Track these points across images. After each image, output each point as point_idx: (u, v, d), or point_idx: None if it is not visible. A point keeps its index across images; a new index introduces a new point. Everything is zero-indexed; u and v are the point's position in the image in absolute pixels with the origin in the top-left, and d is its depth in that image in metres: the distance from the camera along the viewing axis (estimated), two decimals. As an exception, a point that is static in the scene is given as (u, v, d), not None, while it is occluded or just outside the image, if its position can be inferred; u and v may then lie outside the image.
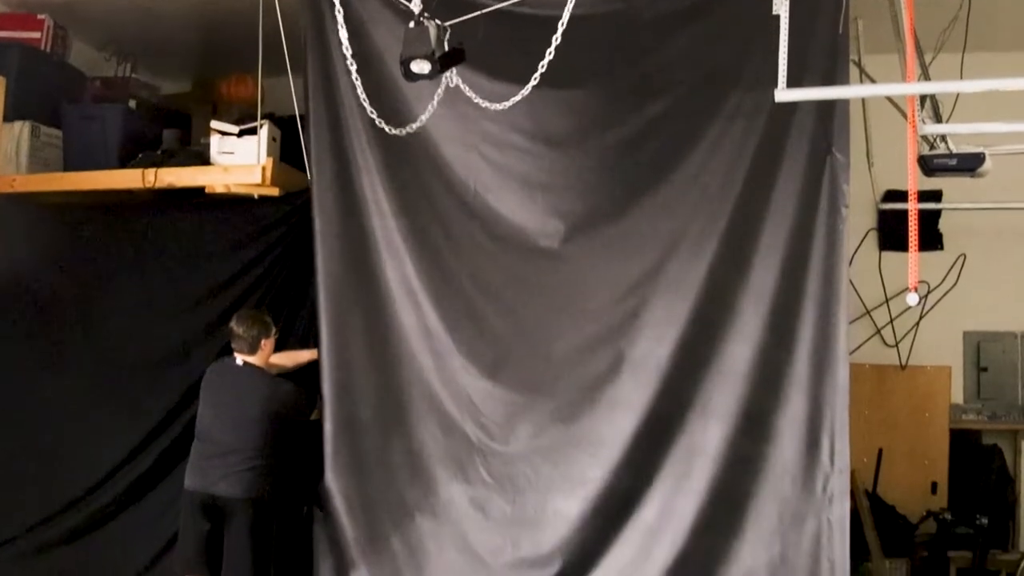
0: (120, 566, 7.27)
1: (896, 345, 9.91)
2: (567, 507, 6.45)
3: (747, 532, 6.31)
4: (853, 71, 6.65)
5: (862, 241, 9.71)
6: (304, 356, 6.95)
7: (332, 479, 6.81)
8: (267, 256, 7.32)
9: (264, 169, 7.20)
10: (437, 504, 6.67)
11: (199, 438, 6.58)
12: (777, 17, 5.40)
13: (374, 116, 6.42)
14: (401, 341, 6.81)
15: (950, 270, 9.77)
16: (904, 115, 6.28)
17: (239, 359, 6.57)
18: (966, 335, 10.04)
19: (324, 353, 6.89)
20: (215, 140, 7.42)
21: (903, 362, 9.91)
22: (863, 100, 8.17)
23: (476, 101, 6.18)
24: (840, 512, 6.23)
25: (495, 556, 6.53)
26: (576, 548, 6.41)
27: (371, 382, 6.83)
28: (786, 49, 5.39)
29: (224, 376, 6.62)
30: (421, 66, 5.31)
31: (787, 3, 5.36)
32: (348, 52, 6.07)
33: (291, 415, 6.60)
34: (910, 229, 6.10)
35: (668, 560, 6.32)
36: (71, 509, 7.40)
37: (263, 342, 6.57)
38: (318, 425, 6.84)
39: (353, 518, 6.80)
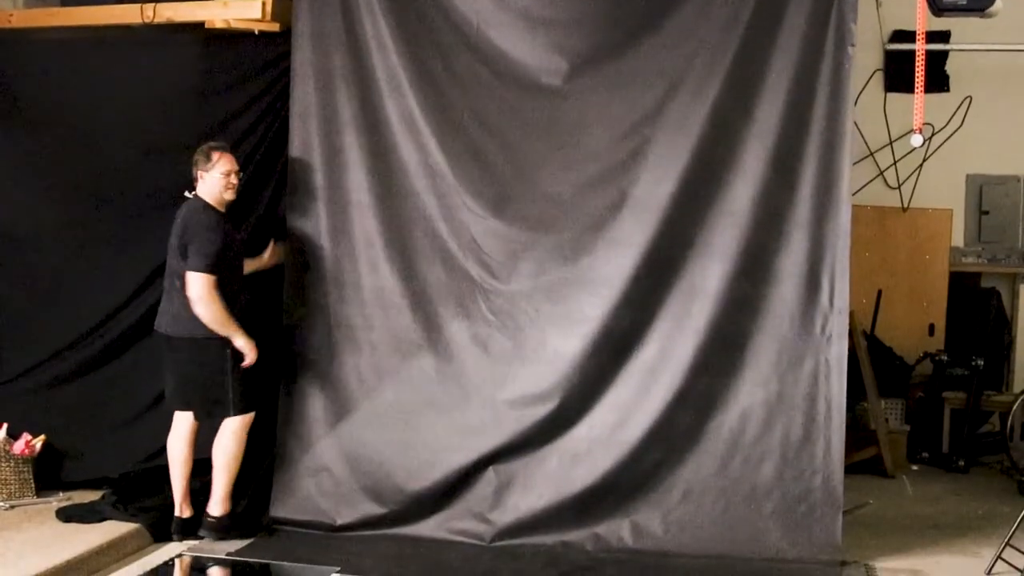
0: (129, 399, 7.35)
1: (899, 187, 9.93)
2: (567, 345, 6.50)
3: (745, 371, 6.40)
4: (864, -95, 6.52)
5: (868, 81, 9.67)
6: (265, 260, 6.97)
7: (334, 316, 6.87)
8: (268, 93, 7.20)
9: (264, 4, 7.06)
10: (439, 340, 6.72)
11: None
12: None
13: None
14: (403, 179, 6.78)
15: (955, 112, 9.73)
16: (915, -48, 6.19)
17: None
18: (969, 178, 10.06)
19: (322, 193, 6.89)
20: (214, -26, 7.30)
21: (905, 204, 9.94)
22: (873, -64, 8.04)
23: None
24: (838, 352, 6.31)
25: (496, 392, 6.60)
26: (576, 385, 6.49)
27: (373, 221, 6.82)
28: None
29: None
30: None
31: None
32: None
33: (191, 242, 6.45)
34: (917, 70, 6.05)
35: (666, 398, 6.41)
36: (80, 344, 7.45)
37: (198, 172, 6.48)
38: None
39: (355, 356, 6.86)
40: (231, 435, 6.48)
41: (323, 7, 6.86)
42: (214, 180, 6.44)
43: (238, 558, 6.34)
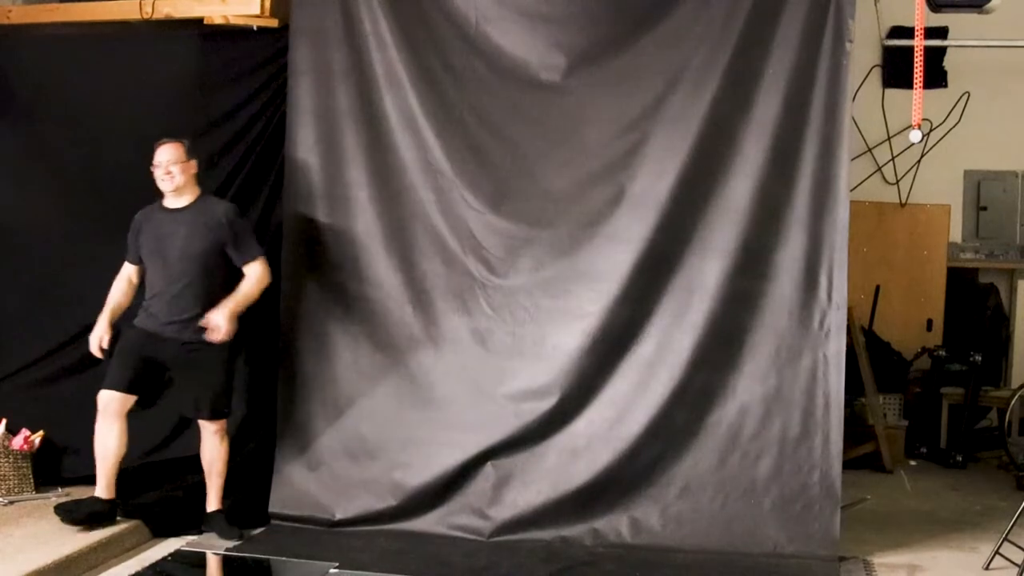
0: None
1: (897, 183, 9.95)
2: (566, 340, 6.50)
3: (744, 367, 6.41)
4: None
5: (866, 77, 9.69)
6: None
7: (333, 311, 6.88)
8: (266, 89, 7.20)
9: (263, 0, 7.09)
10: (439, 336, 6.73)
11: None
12: None
13: None
14: (402, 175, 6.79)
15: (953, 108, 9.74)
16: (913, -53, 6.20)
17: None
18: (967, 173, 10.08)
19: (320, 189, 6.89)
20: (212, -31, 7.30)
21: (903, 200, 9.97)
22: (871, -69, 8.05)
23: None
24: (836, 347, 6.31)
25: (495, 387, 6.60)
26: (574, 380, 6.49)
27: (372, 216, 6.83)
28: None
29: None
30: None
31: None
32: None
33: None
34: (915, 66, 6.06)
35: (665, 394, 6.41)
36: (79, 340, 7.35)
37: None
38: None
39: (355, 351, 6.87)
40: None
41: (322, 3, 6.87)
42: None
43: (236, 553, 6.34)
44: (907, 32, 7.44)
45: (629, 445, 6.43)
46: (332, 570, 6.06)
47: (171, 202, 6.51)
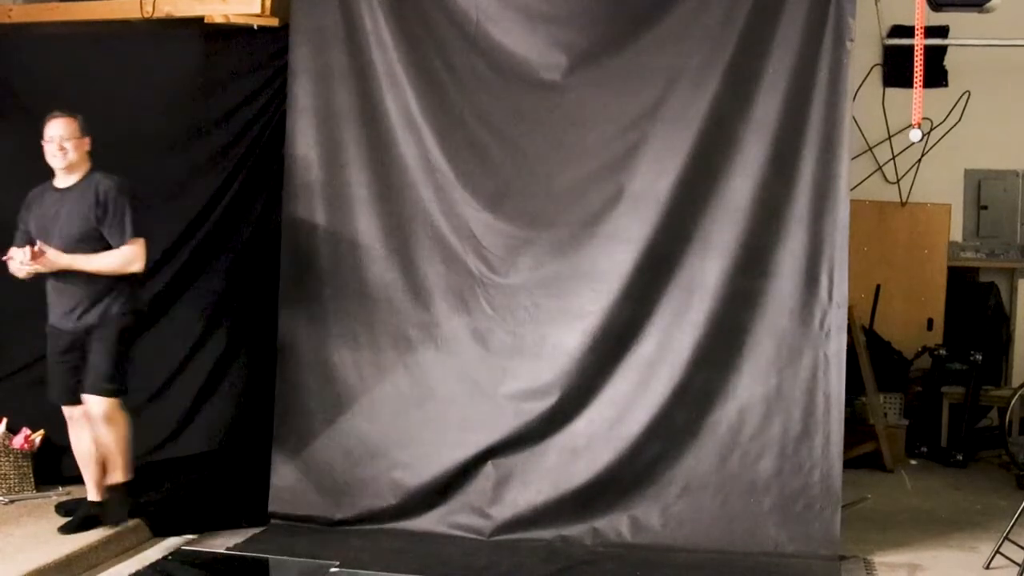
0: (133, 390, 7.34)
1: (897, 182, 9.95)
2: (566, 339, 6.51)
3: (744, 366, 6.40)
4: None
5: (866, 76, 9.69)
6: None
7: (333, 311, 6.87)
8: (267, 88, 7.21)
9: (263, -1, 7.11)
10: (439, 335, 6.73)
11: None
12: None
13: None
14: (403, 174, 6.79)
15: (954, 107, 9.74)
16: (913, -54, 6.20)
17: None
18: (967, 173, 10.08)
19: (320, 188, 6.89)
20: (213, -31, 7.30)
21: (904, 199, 9.97)
22: (872, -70, 8.05)
23: None
24: (837, 347, 6.31)
25: (495, 386, 6.61)
26: (574, 380, 6.49)
27: (372, 216, 6.83)
28: None
29: None
30: None
31: None
32: None
33: None
34: (915, 65, 6.06)
35: (665, 393, 6.41)
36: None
37: None
38: None
39: (355, 351, 6.87)
40: None
41: (322, 3, 6.86)
42: None
43: (237, 552, 6.35)
44: (907, 31, 7.44)
45: (629, 444, 6.43)
46: (332, 569, 6.07)
47: (60, 181, 6.25)
